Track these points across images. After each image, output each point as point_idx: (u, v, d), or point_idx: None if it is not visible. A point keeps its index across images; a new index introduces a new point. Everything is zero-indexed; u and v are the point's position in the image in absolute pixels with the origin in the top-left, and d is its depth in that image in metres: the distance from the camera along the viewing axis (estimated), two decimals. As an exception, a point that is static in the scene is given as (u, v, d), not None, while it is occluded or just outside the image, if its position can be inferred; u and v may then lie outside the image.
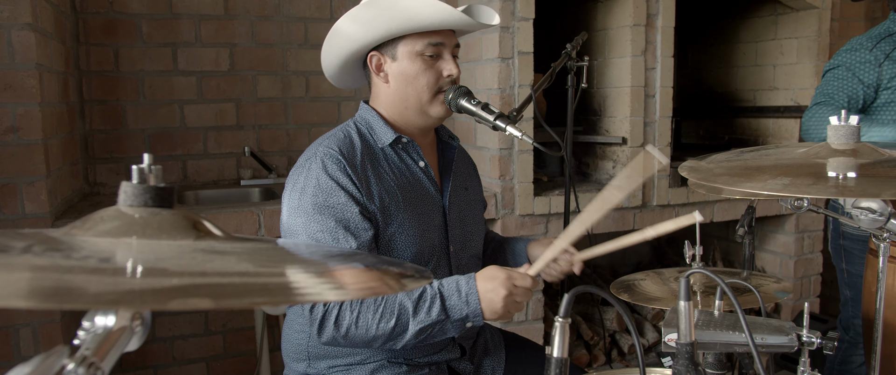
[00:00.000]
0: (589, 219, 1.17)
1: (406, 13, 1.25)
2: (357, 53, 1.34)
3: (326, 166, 1.25)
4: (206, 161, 2.73)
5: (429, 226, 1.36)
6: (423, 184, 1.38)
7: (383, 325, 1.18)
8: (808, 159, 1.08)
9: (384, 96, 1.37)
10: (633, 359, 2.84)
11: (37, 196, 1.90)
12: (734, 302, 0.98)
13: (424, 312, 1.19)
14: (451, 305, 1.20)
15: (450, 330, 1.22)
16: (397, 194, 1.32)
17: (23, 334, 1.94)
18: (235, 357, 2.76)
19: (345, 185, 1.24)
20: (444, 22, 1.27)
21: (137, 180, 0.62)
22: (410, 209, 1.33)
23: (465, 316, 1.20)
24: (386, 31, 1.28)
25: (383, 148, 1.35)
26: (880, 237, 1.20)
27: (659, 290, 1.52)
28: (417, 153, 1.38)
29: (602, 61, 2.73)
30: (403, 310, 1.19)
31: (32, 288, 0.47)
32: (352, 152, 1.29)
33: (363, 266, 0.69)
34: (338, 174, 1.24)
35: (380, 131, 1.35)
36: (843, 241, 2.12)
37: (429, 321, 1.19)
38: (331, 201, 1.23)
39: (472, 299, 1.19)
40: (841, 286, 2.21)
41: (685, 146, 3.42)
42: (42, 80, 1.93)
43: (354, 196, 1.25)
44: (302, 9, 2.80)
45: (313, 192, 1.24)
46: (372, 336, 1.19)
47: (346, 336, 1.20)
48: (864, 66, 1.98)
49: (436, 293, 1.21)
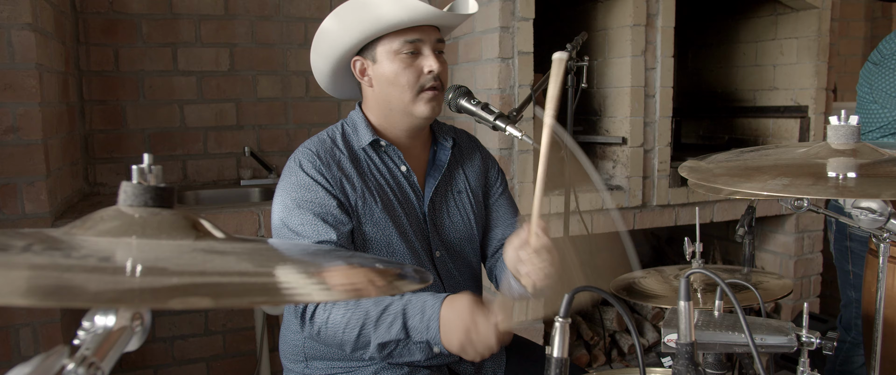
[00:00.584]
0: (539, 189, 1.06)
1: (375, 13, 1.24)
2: (343, 61, 1.35)
3: (303, 164, 1.30)
4: (206, 161, 2.73)
5: (407, 231, 1.35)
6: (403, 188, 1.38)
7: (349, 332, 1.17)
8: (808, 159, 1.08)
9: (371, 100, 1.37)
10: (633, 359, 2.84)
11: (37, 196, 1.90)
12: (734, 302, 0.98)
13: (385, 327, 1.15)
14: (412, 325, 1.14)
15: (415, 352, 1.17)
16: (374, 194, 1.32)
17: (23, 334, 1.94)
18: (235, 357, 2.76)
19: (320, 181, 1.28)
20: (414, 18, 1.25)
21: (137, 180, 0.62)
22: (387, 211, 1.33)
23: (426, 341, 1.14)
24: (360, 35, 1.27)
25: (364, 148, 1.35)
26: (880, 237, 1.20)
27: (659, 288, 1.52)
28: (398, 157, 1.37)
29: (602, 61, 2.73)
30: (368, 320, 1.16)
31: (32, 286, 0.47)
32: (331, 151, 1.33)
33: (357, 265, 0.69)
34: (313, 172, 1.29)
35: (362, 133, 1.36)
36: (849, 242, 2.10)
37: (388, 337, 1.15)
38: (308, 197, 1.27)
39: (433, 325, 1.12)
40: (844, 288, 2.19)
41: (685, 146, 3.42)
42: (42, 80, 1.93)
43: (331, 192, 1.28)
44: (302, 9, 2.80)
45: (292, 189, 1.28)
46: (340, 341, 1.19)
47: (319, 334, 1.21)
48: None
49: (399, 311, 1.16)
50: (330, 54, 1.33)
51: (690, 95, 3.57)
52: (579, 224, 2.40)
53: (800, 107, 3.00)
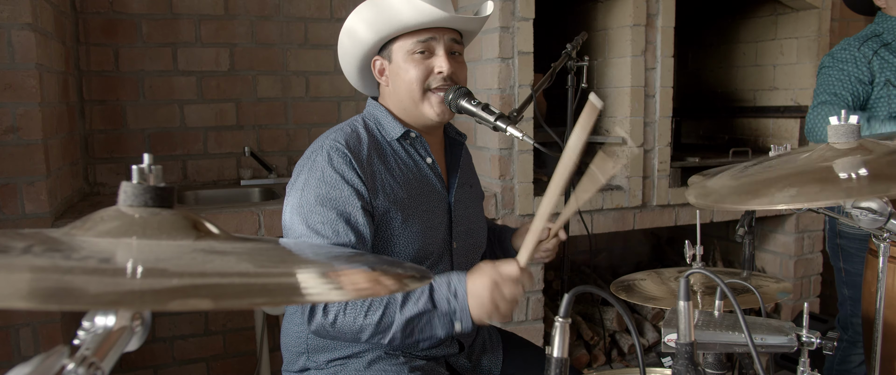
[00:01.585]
0: (555, 191, 1.15)
1: (389, 14, 1.27)
2: (365, 60, 1.38)
3: (332, 158, 1.25)
4: (206, 161, 2.73)
5: (433, 222, 1.36)
6: (430, 180, 1.38)
7: (371, 315, 1.17)
8: (812, 164, 1.06)
9: (389, 98, 1.39)
10: (633, 359, 2.84)
11: (37, 196, 1.90)
12: (734, 303, 0.98)
13: (412, 302, 1.17)
14: (439, 296, 1.17)
15: (437, 327, 1.19)
16: (403, 189, 1.32)
17: (23, 334, 1.94)
18: (235, 357, 2.76)
19: (350, 179, 1.24)
20: (426, 20, 1.27)
21: (137, 180, 0.62)
22: (416, 205, 1.33)
23: (453, 310, 1.17)
24: (376, 35, 1.30)
25: (391, 142, 1.35)
26: (880, 237, 1.20)
27: (659, 290, 1.52)
28: (425, 149, 1.38)
29: (602, 61, 2.73)
30: (392, 300, 1.18)
31: (33, 289, 0.47)
32: (358, 145, 1.29)
33: (365, 268, 0.69)
34: (343, 168, 1.25)
35: (388, 126, 1.36)
36: (840, 240, 2.13)
37: (415, 311, 1.17)
38: (333, 194, 1.23)
39: (461, 291, 1.17)
40: (838, 285, 2.21)
41: (685, 146, 3.42)
42: (42, 80, 1.93)
43: (358, 190, 1.25)
44: (302, 9, 2.80)
45: (317, 184, 1.24)
46: (359, 326, 1.18)
47: (333, 324, 1.19)
48: (857, 64, 2.02)
49: (425, 286, 1.19)
50: (353, 53, 1.36)
51: (690, 95, 3.57)
52: (579, 224, 2.40)
53: (800, 107, 3.00)
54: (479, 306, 1.15)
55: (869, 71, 2.01)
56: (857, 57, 2.02)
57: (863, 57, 2.01)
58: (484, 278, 1.15)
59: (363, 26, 1.31)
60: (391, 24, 1.28)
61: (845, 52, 2.05)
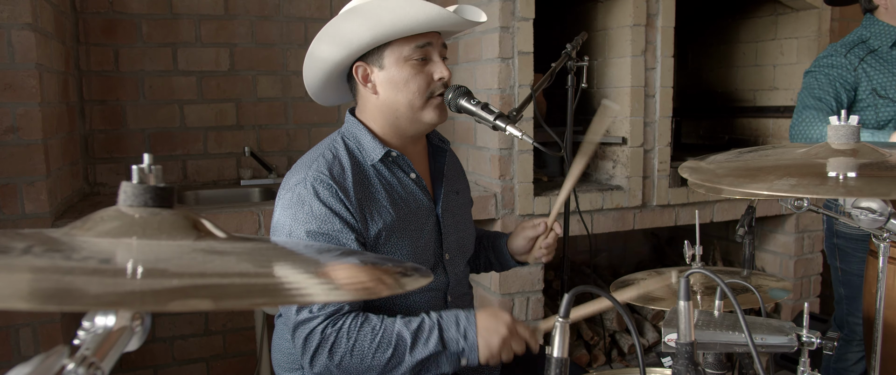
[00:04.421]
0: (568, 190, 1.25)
1: (391, 17, 1.20)
2: (341, 66, 1.30)
3: (318, 192, 1.21)
4: (206, 161, 2.73)
5: (423, 240, 1.35)
6: (417, 196, 1.35)
7: (380, 355, 1.17)
8: (810, 159, 1.07)
9: (372, 107, 1.32)
10: (633, 359, 2.84)
11: (37, 196, 1.90)
12: (734, 303, 0.98)
13: (422, 343, 1.18)
14: (449, 337, 1.19)
15: (444, 364, 1.21)
16: (390, 211, 1.29)
17: (23, 334, 1.94)
18: (235, 357, 2.77)
19: (339, 211, 1.21)
20: (432, 23, 1.23)
21: (137, 180, 0.62)
22: (405, 225, 1.31)
23: (462, 350, 1.20)
24: (371, 38, 1.22)
25: (374, 165, 1.30)
26: (880, 237, 1.20)
27: (659, 290, 1.52)
28: (408, 165, 1.34)
29: (602, 61, 2.73)
30: (401, 341, 1.18)
31: (33, 290, 0.47)
32: (342, 174, 1.25)
33: (361, 263, 0.69)
34: (330, 201, 1.21)
35: (368, 147, 1.30)
36: (837, 240, 2.15)
37: (426, 353, 1.18)
38: (325, 228, 1.20)
39: (470, 333, 1.19)
40: (835, 284, 2.23)
41: (685, 146, 3.42)
42: (42, 80, 1.93)
43: (349, 222, 1.22)
44: (302, 9, 2.80)
45: (305, 220, 1.21)
46: (367, 367, 1.18)
47: (339, 366, 1.17)
48: (842, 70, 2.04)
49: (434, 325, 1.20)
50: (331, 57, 1.27)
51: (690, 95, 3.57)
52: (579, 224, 2.40)
53: (800, 107, 3.00)
54: (487, 349, 1.19)
55: (854, 78, 2.02)
56: (843, 63, 2.03)
57: (849, 64, 2.02)
58: (498, 324, 1.20)
59: (355, 26, 1.22)
60: (395, 25, 1.21)
61: (831, 58, 2.06)
